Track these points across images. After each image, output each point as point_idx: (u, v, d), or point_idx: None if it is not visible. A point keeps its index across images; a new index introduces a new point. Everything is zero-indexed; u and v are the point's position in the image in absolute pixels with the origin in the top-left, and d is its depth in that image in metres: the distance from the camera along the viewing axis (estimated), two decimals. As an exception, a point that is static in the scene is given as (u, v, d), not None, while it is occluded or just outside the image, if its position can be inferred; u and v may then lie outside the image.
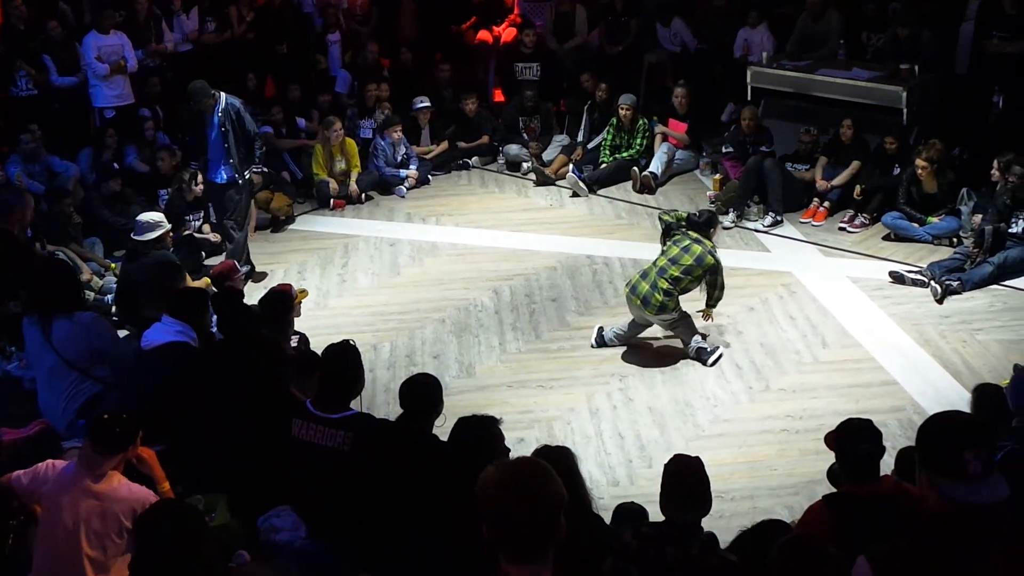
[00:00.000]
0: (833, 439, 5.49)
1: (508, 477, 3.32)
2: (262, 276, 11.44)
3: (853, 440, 5.36)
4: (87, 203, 11.94)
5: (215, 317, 7.96)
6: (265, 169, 12.67)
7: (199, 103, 10.99)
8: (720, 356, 9.59)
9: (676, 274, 9.33)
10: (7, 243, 9.83)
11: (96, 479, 5.63)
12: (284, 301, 8.25)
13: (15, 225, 9.86)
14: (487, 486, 3.30)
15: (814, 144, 13.02)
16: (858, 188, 12.30)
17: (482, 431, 5.89)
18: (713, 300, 9.64)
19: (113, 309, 10.31)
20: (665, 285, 9.29)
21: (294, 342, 8.38)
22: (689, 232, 9.59)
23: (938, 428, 3.70)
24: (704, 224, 9.67)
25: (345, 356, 6.51)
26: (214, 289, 9.59)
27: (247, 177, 11.33)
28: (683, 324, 9.57)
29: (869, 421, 5.51)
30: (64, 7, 14.39)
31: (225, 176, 11.15)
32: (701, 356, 9.58)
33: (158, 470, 6.12)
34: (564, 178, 13.91)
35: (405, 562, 5.72)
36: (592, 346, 9.92)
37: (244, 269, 10.92)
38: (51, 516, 5.60)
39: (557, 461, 4.95)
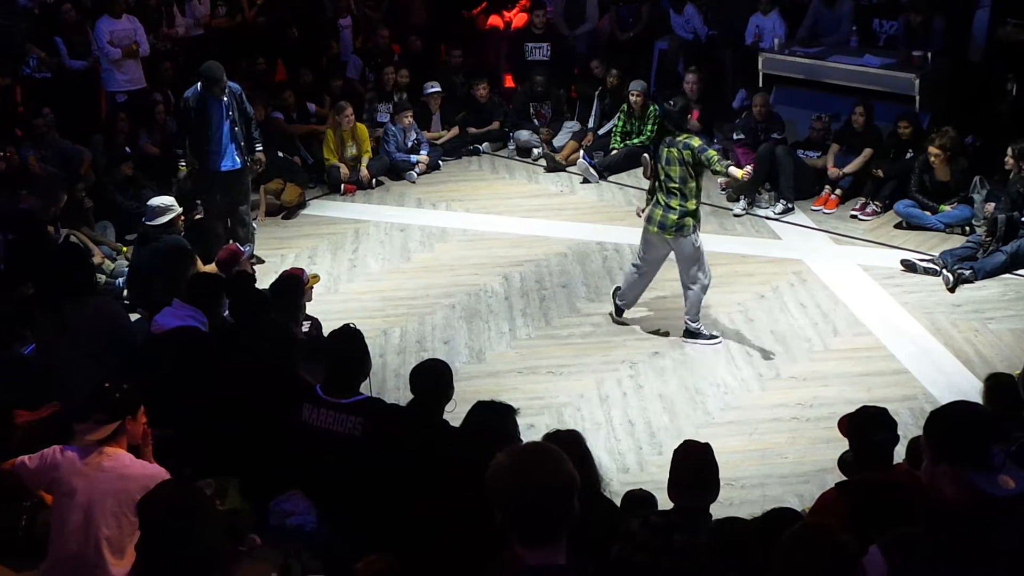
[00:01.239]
0: (847, 425, 5.48)
1: (520, 462, 3.32)
2: (259, 261, 11.33)
3: (869, 429, 5.35)
4: (99, 187, 11.94)
5: (227, 302, 7.95)
6: (276, 154, 12.66)
7: (218, 83, 10.80)
8: (710, 344, 9.65)
9: (675, 185, 9.27)
10: (32, 227, 9.90)
11: (99, 453, 5.61)
12: (295, 285, 8.24)
13: (45, 212, 9.99)
14: (499, 471, 3.30)
15: (825, 131, 13.00)
16: (878, 171, 12.26)
17: (497, 419, 5.88)
18: (724, 171, 9.42)
19: (125, 292, 10.33)
20: (676, 203, 9.26)
21: (306, 327, 8.37)
22: (664, 139, 9.49)
23: (963, 420, 3.69)
24: (679, 113, 9.53)
25: (349, 340, 6.50)
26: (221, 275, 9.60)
27: (249, 161, 11.22)
28: (699, 265, 9.48)
29: (884, 410, 5.51)
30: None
31: (238, 162, 11.06)
32: (695, 333, 9.68)
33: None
34: (575, 164, 13.91)
35: (416, 546, 5.73)
36: (612, 318, 10.02)
37: (247, 249, 10.85)
38: (65, 499, 5.59)
39: (567, 444, 4.95)
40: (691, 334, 9.70)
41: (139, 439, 5.93)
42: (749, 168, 9.91)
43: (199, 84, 10.92)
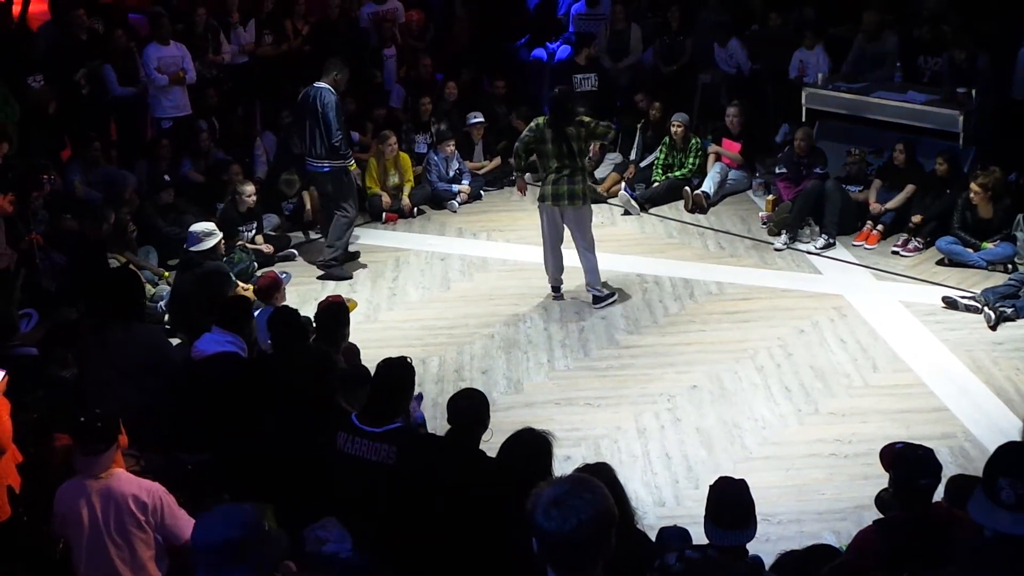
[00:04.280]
0: (890, 462, 5.43)
1: (561, 493, 3.32)
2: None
3: (914, 472, 5.30)
4: (142, 212, 12.05)
5: (271, 336, 7.97)
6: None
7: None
8: (612, 303, 10.99)
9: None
10: (86, 251, 10.01)
11: (95, 478, 5.70)
12: (339, 313, 8.27)
13: (96, 232, 10.19)
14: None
15: (860, 165, 12.93)
16: (918, 217, 12.16)
17: (532, 451, 5.86)
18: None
19: (166, 317, 10.40)
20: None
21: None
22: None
23: (994, 454, 3.68)
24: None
25: (402, 373, 6.53)
26: (255, 298, 9.65)
27: None
28: (590, 231, 10.94)
29: (931, 452, 5.45)
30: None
31: None
32: (597, 298, 10.99)
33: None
34: (616, 196, 13.91)
35: (447, 574, 5.73)
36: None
37: (285, 276, 10.95)
38: (75, 530, 5.69)
39: (598, 476, 4.94)
40: (596, 293, 11.03)
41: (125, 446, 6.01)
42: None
43: (331, 85, 11.52)
